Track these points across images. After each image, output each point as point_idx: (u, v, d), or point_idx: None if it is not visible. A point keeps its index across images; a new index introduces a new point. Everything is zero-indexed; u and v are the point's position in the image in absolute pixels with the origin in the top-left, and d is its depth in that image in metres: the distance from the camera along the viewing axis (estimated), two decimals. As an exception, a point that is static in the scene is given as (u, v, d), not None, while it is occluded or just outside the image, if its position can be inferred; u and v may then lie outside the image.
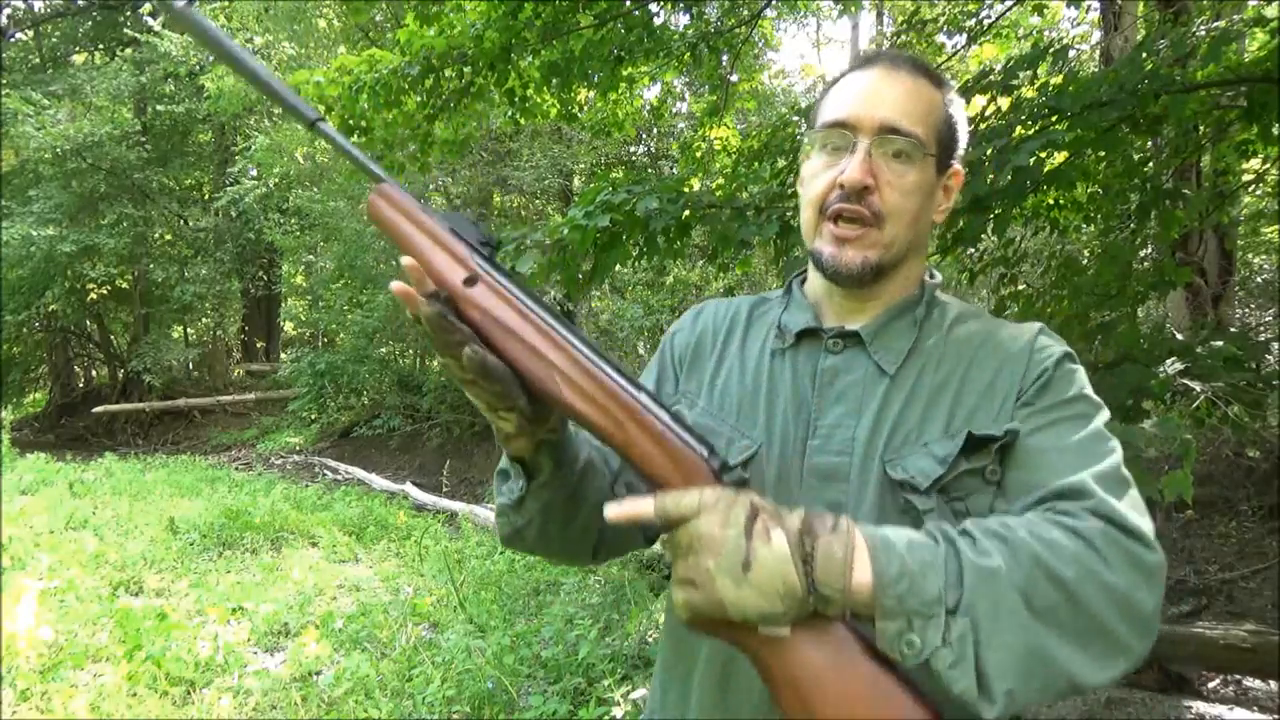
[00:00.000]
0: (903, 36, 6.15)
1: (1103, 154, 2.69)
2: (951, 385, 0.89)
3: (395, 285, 0.76)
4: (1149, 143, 3.49)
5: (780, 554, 0.68)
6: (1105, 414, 0.86)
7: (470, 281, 0.78)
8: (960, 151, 0.97)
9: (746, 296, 1.08)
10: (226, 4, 11.98)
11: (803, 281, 1.03)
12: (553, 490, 0.87)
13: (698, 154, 5.82)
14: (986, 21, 5.36)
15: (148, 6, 14.98)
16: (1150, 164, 3.36)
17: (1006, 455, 0.83)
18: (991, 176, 2.40)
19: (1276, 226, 7.06)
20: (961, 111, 0.97)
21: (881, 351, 0.92)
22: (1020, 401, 0.86)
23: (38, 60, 16.27)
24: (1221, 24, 3.06)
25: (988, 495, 0.83)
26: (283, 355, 17.30)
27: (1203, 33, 2.90)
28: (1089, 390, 0.88)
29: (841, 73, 0.97)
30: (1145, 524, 0.74)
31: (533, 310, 0.78)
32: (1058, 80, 2.67)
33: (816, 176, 0.92)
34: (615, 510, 0.74)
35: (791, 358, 0.96)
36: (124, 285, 15.34)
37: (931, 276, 0.99)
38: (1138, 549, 0.72)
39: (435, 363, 12.49)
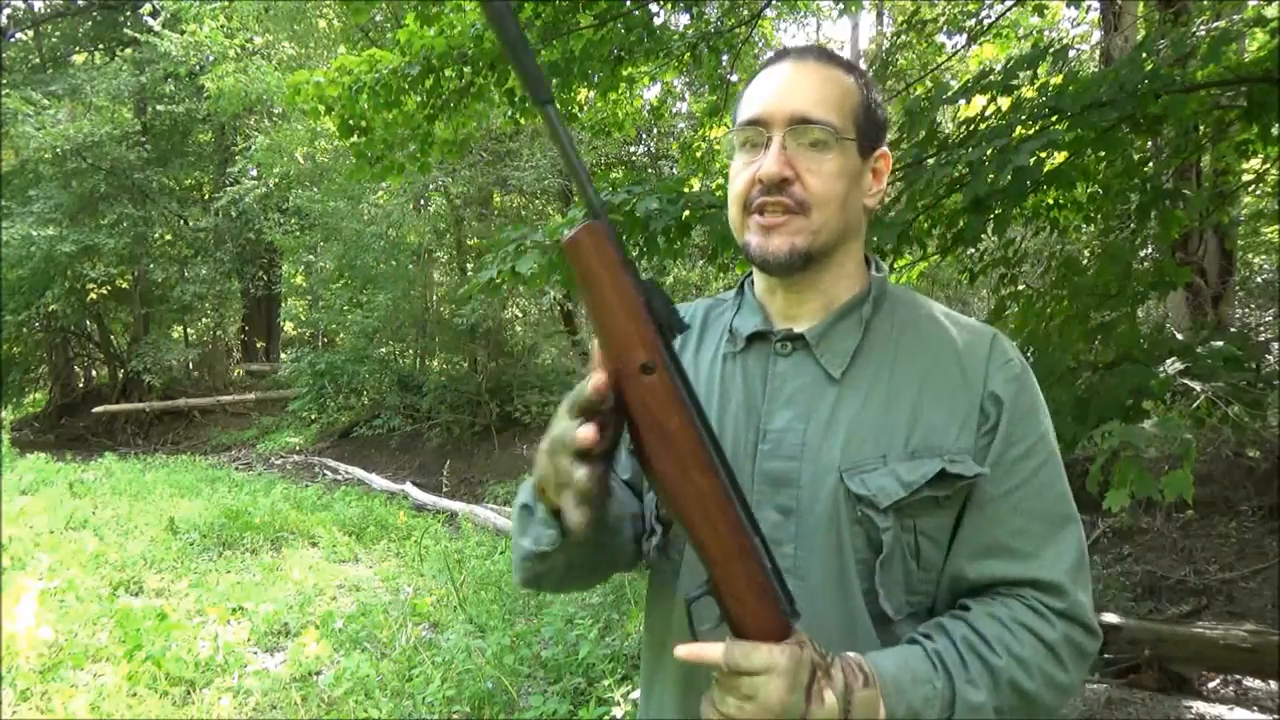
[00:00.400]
0: (903, 36, 6.15)
1: (1103, 154, 2.69)
2: (907, 396, 0.89)
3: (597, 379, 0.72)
4: (1149, 143, 3.48)
5: (830, 712, 0.76)
6: (1056, 447, 0.92)
7: (648, 369, 0.74)
8: (886, 136, 0.97)
9: (704, 299, 1.09)
10: (226, 4, 11.97)
11: (754, 282, 1.03)
12: (585, 549, 0.87)
13: (698, 154, 5.82)
14: (986, 21, 5.36)
15: (148, 7, 14.97)
16: (1150, 164, 3.36)
17: (971, 494, 0.88)
18: (991, 176, 2.40)
19: (1276, 226, 7.06)
20: (878, 96, 0.96)
21: (828, 355, 0.92)
22: (984, 430, 0.88)
23: (38, 60, 16.27)
24: (1221, 24, 3.06)
25: (941, 517, 0.88)
26: (283, 355, 17.30)
27: (1203, 33, 2.90)
28: (1047, 419, 0.92)
29: (753, 73, 0.98)
30: (1091, 608, 0.89)
31: (696, 423, 0.75)
32: (1058, 80, 2.66)
33: (738, 175, 0.93)
34: (685, 651, 0.79)
35: (742, 361, 0.96)
36: (124, 285, 15.33)
37: (877, 269, 0.98)
38: (1088, 644, 0.88)
39: (435, 363, 12.50)
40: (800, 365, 0.93)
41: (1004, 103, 2.86)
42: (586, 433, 0.72)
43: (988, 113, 2.95)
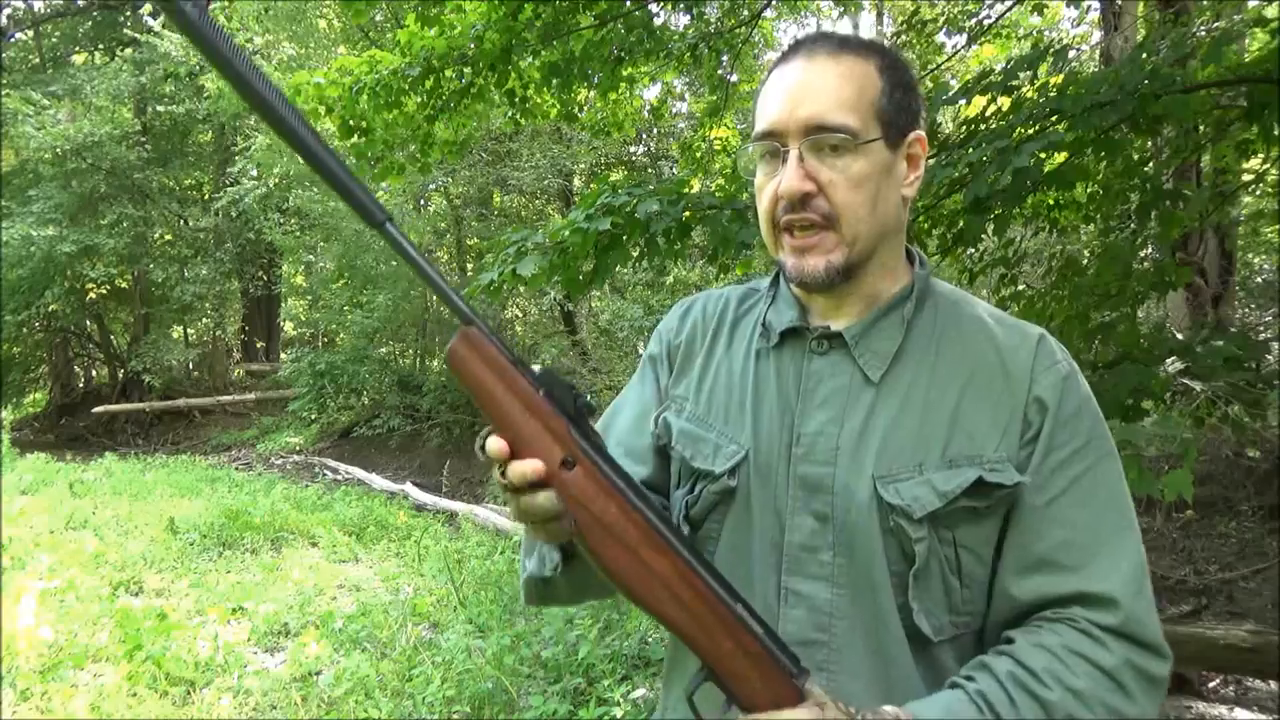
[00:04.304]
0: (903, 36, 6.15)
1: (1103, 154, 2.69)
2: (947, 401, 0.85)
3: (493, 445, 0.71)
4: (1149, 143, 3.49)
5: None
6: (1113, 451, 0.85)
7: (568, 464, 0.71)
8: (921, 113, 0.90)
9: (736, 287, 1.03)
10: (226, 4, 11.98)
11: None
12: (587, 566, 0.82)
13: (698, 154, 5.83)
14: (986, 21, 5.36)
15: (148, 7, 14.98)
16: (1150, 164, 3.36)
17: (1013, 507, 0.83)
18: (992, 177, 2.40)
19: (1276, 226, 7.06)
20: (906, 72, 0.89)
21: (867, 355, 0.88)
22: (1026, 439, 0.84)
23: (38, 60, 16.27)
24: (1221, 24, 3.06)
25: (982, 529, 0.83)
26: (283, 355, 17.29)
27: (1203, 33, 2.91)
28: (1099, 424, 0.85)
29: (767, 73, 0.92)
30: (1158, 625, 0.80)
31: (634, 505, 0.72)
32: (1058, 81, 2.67)
33: (762, 190, 0.88)
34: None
35: (776, 358, 0.93)
36: (124, 285, 15.35)
37: (920, 265, 0.93)
38: (1154, 667, 0.79)
39: (435, 363, 12.50)
40: (836, 365, 0.89)
41: (1004, 103, 2.86)
42: (521, 467, 0.70)
43: (988, 113, 2.96)
